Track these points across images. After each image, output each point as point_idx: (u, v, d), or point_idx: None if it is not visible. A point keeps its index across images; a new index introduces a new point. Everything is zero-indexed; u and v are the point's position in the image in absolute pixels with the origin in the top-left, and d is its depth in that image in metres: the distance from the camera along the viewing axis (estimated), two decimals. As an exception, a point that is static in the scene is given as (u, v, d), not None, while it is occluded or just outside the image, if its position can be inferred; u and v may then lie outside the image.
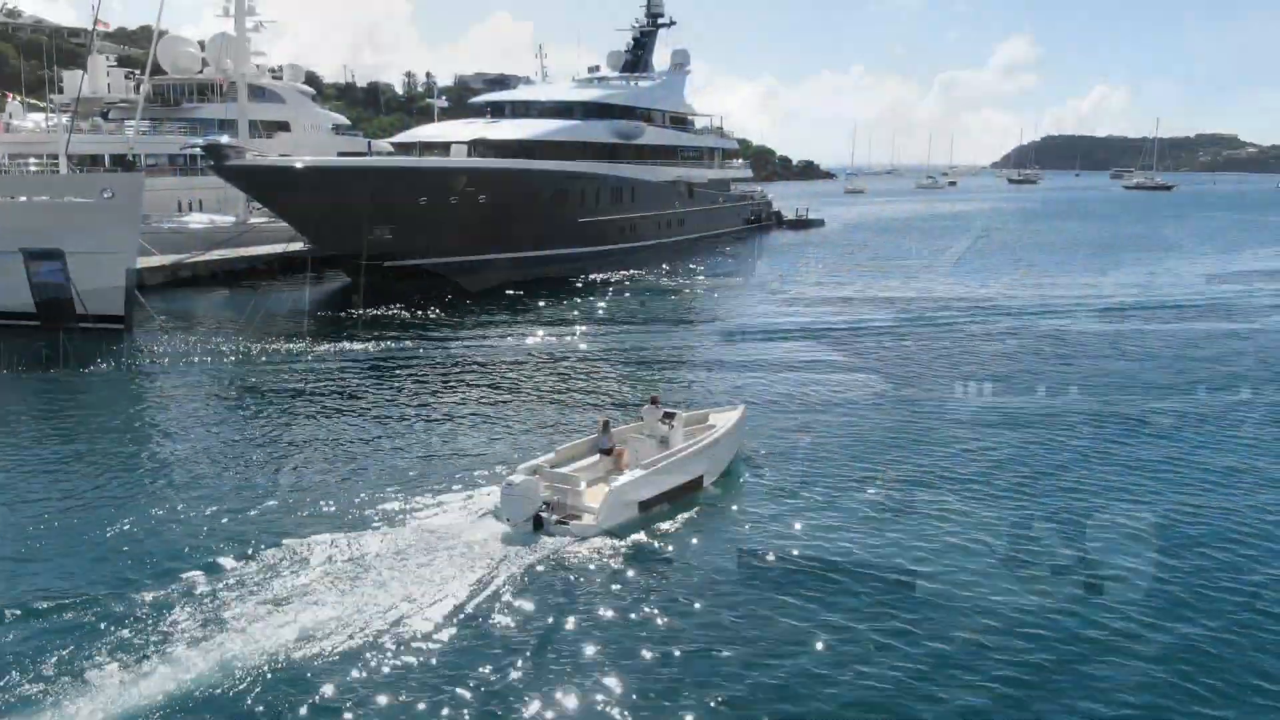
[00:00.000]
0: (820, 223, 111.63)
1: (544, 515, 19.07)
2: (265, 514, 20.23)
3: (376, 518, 19.73)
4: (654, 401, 23.73)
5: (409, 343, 39.37)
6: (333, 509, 20.33)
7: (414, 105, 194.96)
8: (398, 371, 34.42)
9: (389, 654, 14.62)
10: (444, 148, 62.19)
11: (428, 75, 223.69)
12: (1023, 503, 21.38)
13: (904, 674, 14.41)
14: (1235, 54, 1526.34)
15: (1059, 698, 13.96)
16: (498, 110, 72.72)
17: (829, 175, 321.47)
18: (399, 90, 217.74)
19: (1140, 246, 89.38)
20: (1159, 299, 53.96)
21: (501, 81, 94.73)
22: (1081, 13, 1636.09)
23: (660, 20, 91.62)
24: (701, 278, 62.95)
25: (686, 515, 20.09)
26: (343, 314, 46.10)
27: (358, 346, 38.27)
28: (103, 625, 15.33)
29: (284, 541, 18.37)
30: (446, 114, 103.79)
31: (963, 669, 14.58)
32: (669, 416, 23.07)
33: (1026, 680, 14.33)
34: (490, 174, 58.13)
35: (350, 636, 14.96)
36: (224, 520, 19.79)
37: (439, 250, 56.22)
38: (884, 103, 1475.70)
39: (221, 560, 17.65)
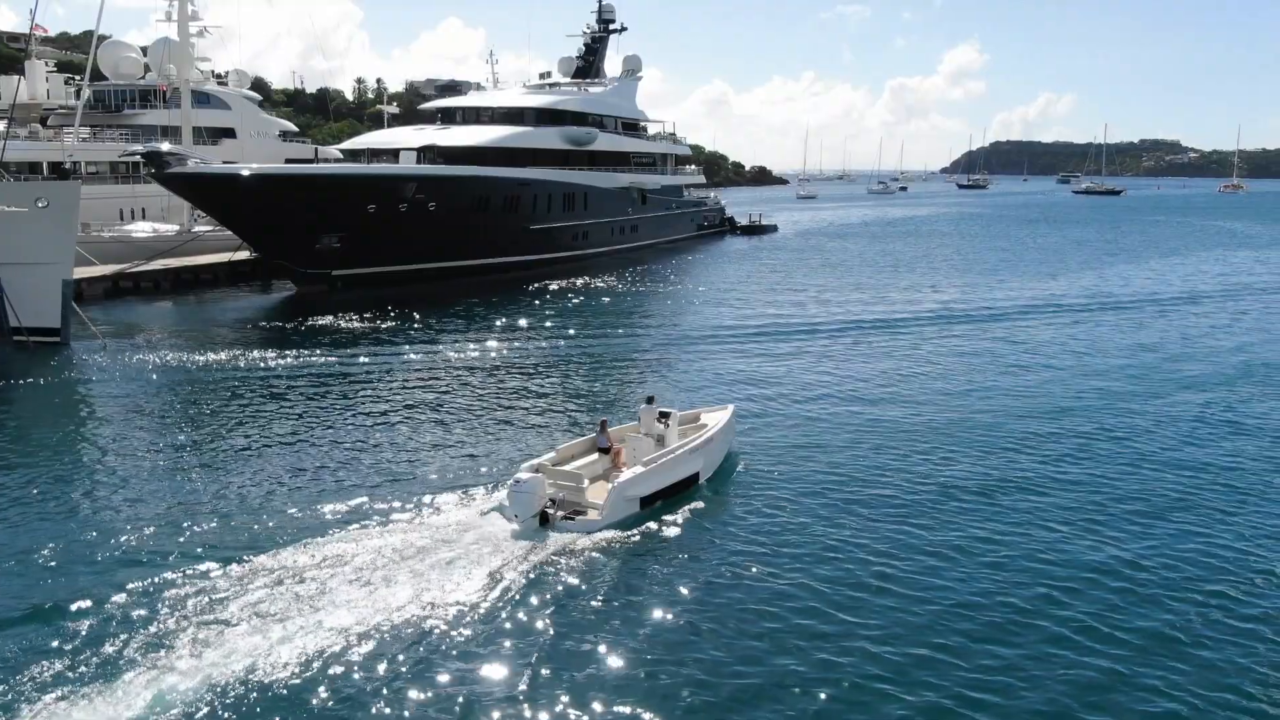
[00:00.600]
0: (773, 228, 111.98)
1: (550, 511, 19.68)
2: (227, 527, 19.80)
3: (377, 519, 19.98)
4: (650, 401, 24.34)
5: (360, 352, 38.64)
6: (326, 513, 20.50)
7: (364, 111, 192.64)
8: (350, 381, 33.81)
9: (410, 649, 14.89)
10: (393, 154, 61.39)
11: (378, 81, 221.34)
12: (991, 497, 22.29)
13: (891, 659, 15.00)
14: (1176, 62, 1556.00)
15: (1038, 689, 14.29)
16: (448, 116, 71.99)
17: (781, 181, 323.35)
18: (349, 96, 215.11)
19: (1113, 255, 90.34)
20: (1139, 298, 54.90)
21: (453, 87, 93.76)
22: (1026, 22, 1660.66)
23: (611, 26, 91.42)
24: (656, 284, 62.60)
25: (684, 510, 20.87)
26: (290, 323, 45.15)
27: (308, 357, 37.48)
28: (96, 639, 15.21)
29: (280, 549, 18.45)
30: (397, 120, 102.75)
31: (947, 656, 15.12)
32: (664, 416, 23.82)
33: (1012, 673, 14.70)
34: (440, 181, 57.47)
35: (370, 633, 15.24)
36: (171, 533, 19.34)
37: (389, 258, 55.50)
38: (835, 109, 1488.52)
39: (185, 572, 17.37)
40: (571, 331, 44.14)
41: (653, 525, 20.02)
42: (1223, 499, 22.32)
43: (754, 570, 18.03)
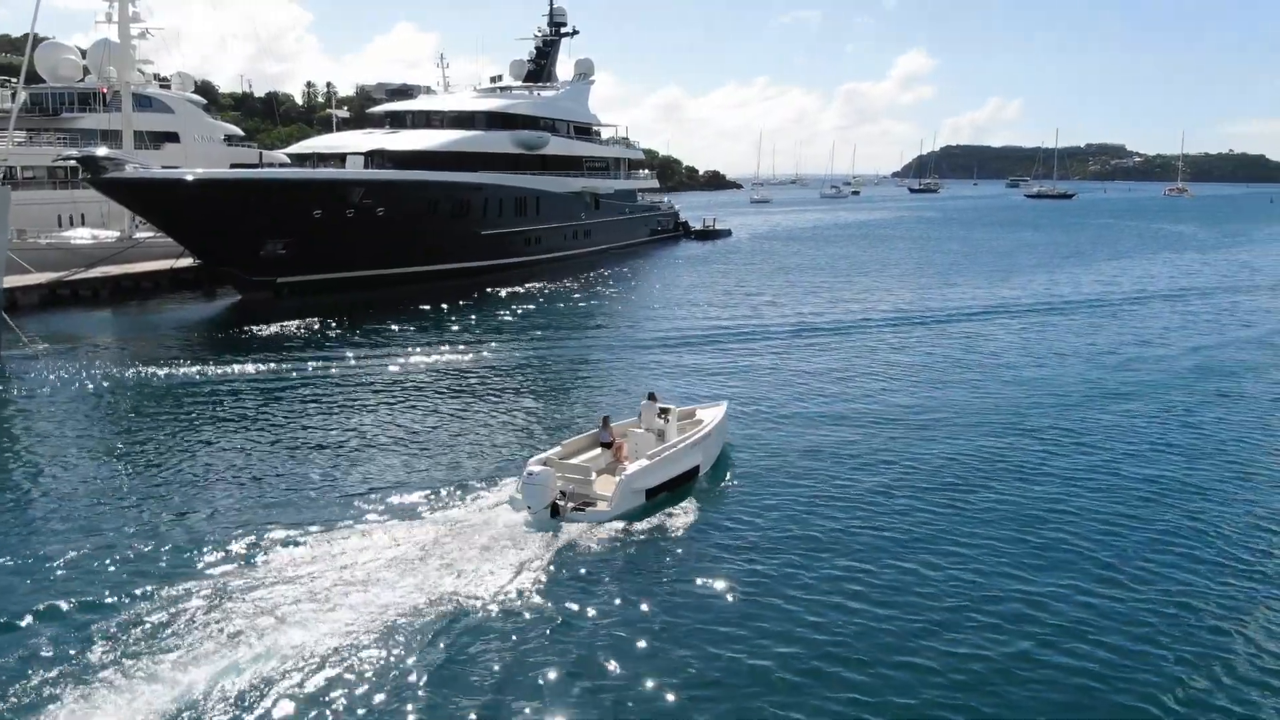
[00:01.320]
0: (728, 233, 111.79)
1: (560, 503, 20.34)
2: (173, 542, 19.28)
3: (362, 522, 20.32)
4: (651, 398, 25.43)
5: (308, 361, 37.67)
6: (326, 511, 21.08)
7: (314, 115, 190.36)
8: (299, 390, 32.98)
9: (441, 640, 15.33)
10: (340, 159, 60.28)
11: (328, 85, 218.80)
12: (958, 492, 23.11)
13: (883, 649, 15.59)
14: (1121, 68, 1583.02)
15: (1027, 687, 14.60)
16: (397, 120, 70.94)
17: (735, 185, 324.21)
18: (299, 100, 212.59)
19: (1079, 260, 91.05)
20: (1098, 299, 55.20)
21: (404, 91, 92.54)
22: (974, 28, 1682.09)
23: (563, 30, 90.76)
24: (611, 289, 62.00)
25: (687, 502, 21.77)
26: (235, 332, 43.98)
27: (255, 366, 36.47)
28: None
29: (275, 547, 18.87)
30: (347, 124, 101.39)
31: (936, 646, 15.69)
32: (664, 412, 24.86)
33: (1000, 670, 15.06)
34: (388, 186, 56.47)
35: (399, 623, 15.70)
36: (121, 554, 18.66)
37: (336, 264, 54.42)
38: (787, 113, 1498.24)
39: (130, 595, 16.87)
40: (525, 338, 43.49)
41: (658, 516, 20.84)
42: (1190, 498, 22.75)
43: (756, 557, 18.84)
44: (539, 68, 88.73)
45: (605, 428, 24.12)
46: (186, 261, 56.81)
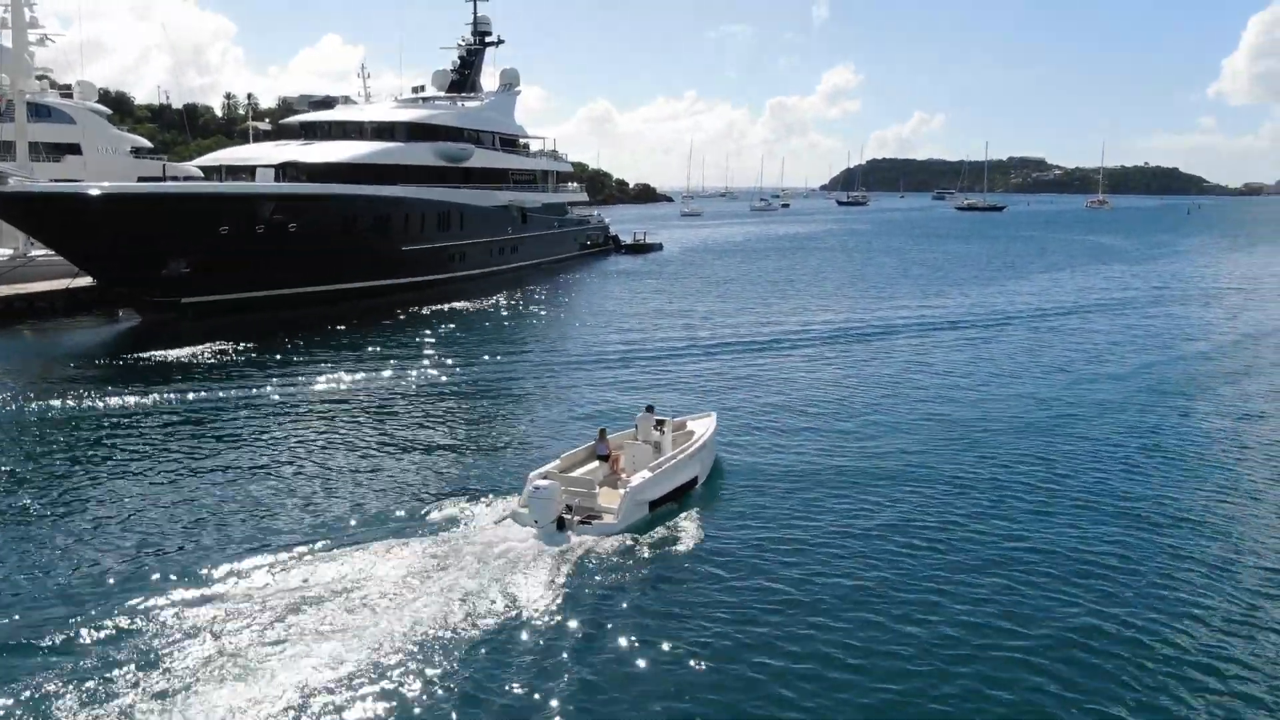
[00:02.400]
0: (659, 247, 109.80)
1: (565, 516, 20.37)
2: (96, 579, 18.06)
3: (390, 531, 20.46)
4: (650, 410, 25.45)
5: (216, 387, 35.02)
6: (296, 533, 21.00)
7: (234, 128, 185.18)
8: (204, 419, 30.61)
9: (462, 656, 15.31)
10: (250, 172, 57.09)
11: (249, 97, 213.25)
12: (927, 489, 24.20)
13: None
14: (1039, 84, 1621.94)
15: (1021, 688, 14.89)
16: (313, 131, 67.77)
17: (666, 198, 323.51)
18: (219, 112, 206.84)
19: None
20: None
21: (326, 103, 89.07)
22: (899, 45, 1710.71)
23: (488, 39, 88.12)
24: (540, 306, 59.67)
25: (689, 513, 21.99)
26: (136, 357, 40.66)
27: (157, 394, 33.64)
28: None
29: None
30: (269, 137, 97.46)
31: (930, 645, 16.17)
32: (659, 424, 25.05)
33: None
34: (302, 200, 53.45)
35: (413, 646, 15.53)
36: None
37: (244, 284, 51.26)
38: (717, 126, 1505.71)
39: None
40: (451, 359, 41.33)
41: (663, 528, 21.03)
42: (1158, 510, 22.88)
43: (763, 565, 19.20)
44: (463, 78, 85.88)
45: (602, 440, 24.08)
46: (85, 281, 53.23)
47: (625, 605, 17.32)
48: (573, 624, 16.47)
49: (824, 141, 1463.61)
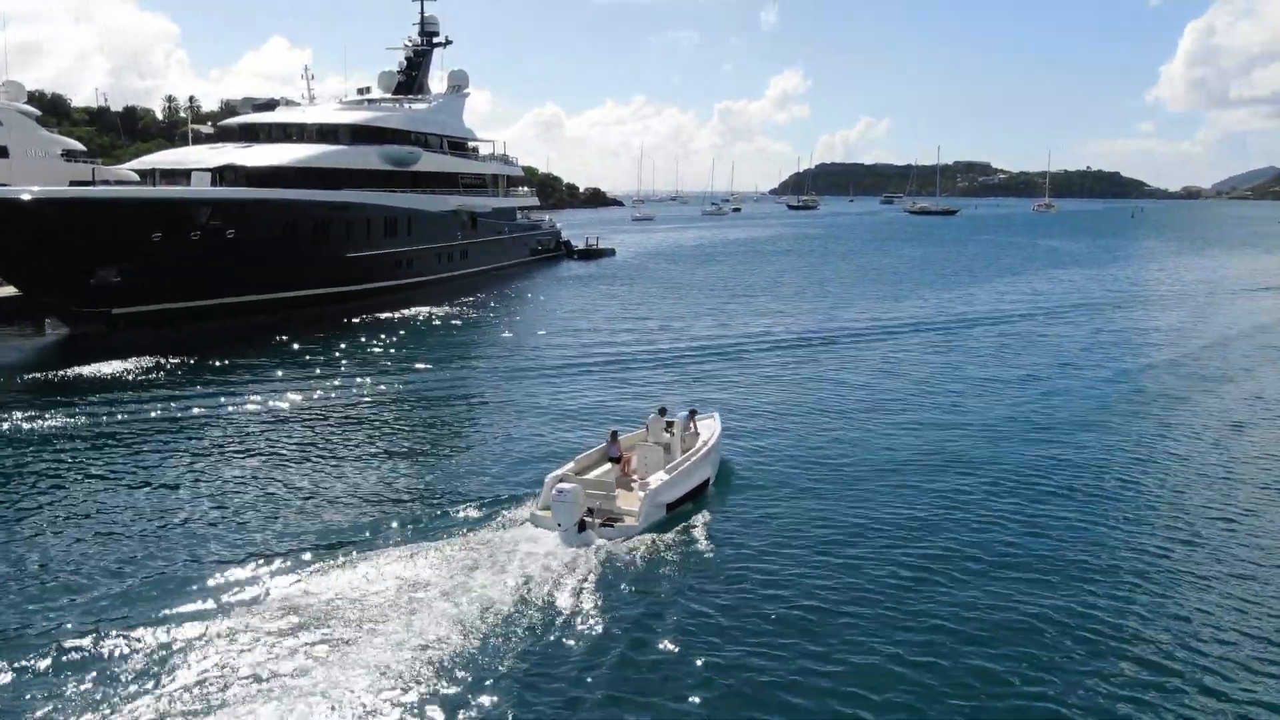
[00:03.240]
0: (611, 252, 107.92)
1: (587, 520, 20.34)
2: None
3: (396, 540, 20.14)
4: (662, 413, 25.49)
5: (148, 403, 32.99)
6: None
7: (176, 131, 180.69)
8: (138, 436, 28.78)
9: (501, 660, 15.28)
10: (185, 175, 54.46)
11: (190, 99, 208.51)
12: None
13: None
14: (983, 89, 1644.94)
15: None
16: (253, 134, 65.19)
17: (617, 203, 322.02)
18: (159, 115, 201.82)
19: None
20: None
21: (270, 106, 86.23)
22: (845, 49, 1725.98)
23: (435, 39, 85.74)
24: (492, 314, 57.71)
25: (702, 514, 22.04)
26: (62, 371, 38.13)
27: (85, 410, 31.58)
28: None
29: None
30: (211, 140, 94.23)
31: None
32: (669, 425, 25.01)
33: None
34: (240, 205, 50.99)
35: (444, 654, 15.35)
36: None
37: (180, 293, 48.73)
38: (665, 130, 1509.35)
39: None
40: (402, 369, 39.68)
41: (682, 530, 21.02)
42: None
43: (789, 564, 19.32)
44: (410, 79, 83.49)
45: (614, 442, 24.07)
46: (8, 290, 50.43)
47: (662, 607, 17.35)
48: (614, 628, 16.42)
49: (773, 146, 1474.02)
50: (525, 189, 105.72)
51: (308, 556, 19.30)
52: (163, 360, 40.43)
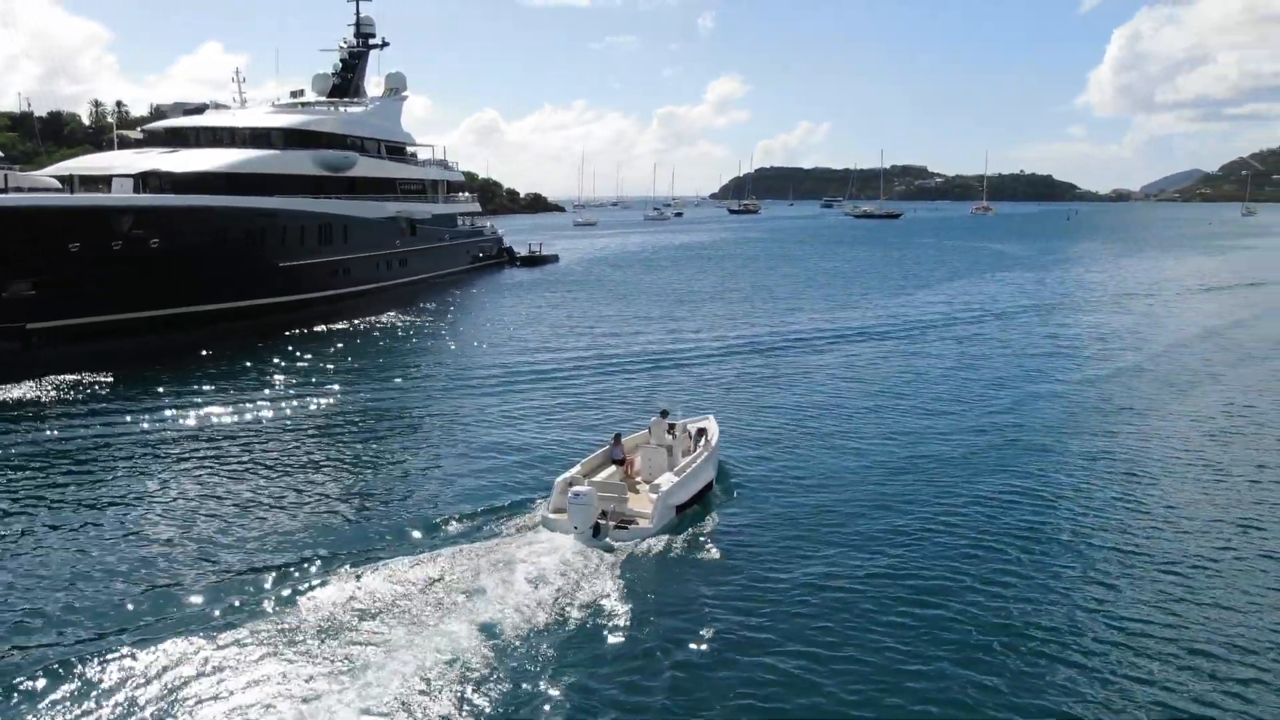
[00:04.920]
0: (555, 258, 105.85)
1: (601, 523, 20.42)
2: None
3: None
4: (664, 415, 25.40)
5: (72, 424, 31.04)
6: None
7: (103, 137, 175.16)
8: (60, 460, 26.74)
9: (518, 664, 15.25)
10: (105, 182, 51.54)
11: (118, 104, 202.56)
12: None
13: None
14: (918, 92, 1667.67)
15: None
16: (180, 138, 62.23)
17: (558, 208, 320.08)
18: (86, 120, 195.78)
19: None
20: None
21: (201, 110, 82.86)
22: (783, 55, 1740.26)
23: (372, 41, 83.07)
24: (432, 324, 55.57)
25: (710, 515, 22.27)
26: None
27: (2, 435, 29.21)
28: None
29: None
30: (139, 146, 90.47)
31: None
32: (672, 428, 24.97)
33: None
34: (164, 213, 48.26)
35: (475, 653, 15.42)
36: None
37: (99, 307, 45.90)
38: (606, 135, 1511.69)
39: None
40: (335, 384, 37.80)
41: (693, 531, 21.20)
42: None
43: (802, 563, 19.56)
44: (345, 82, 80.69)
45: (618, 444, 24.24)
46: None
47: (688, 609, 17.36)
48: (645, 633, 16.44)
49: (713, 150, 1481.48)
50: (466, 194, 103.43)
51: (297, 574, 18.78)
52: (83, 379, 38.05)
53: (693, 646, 16.04)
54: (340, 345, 47.16)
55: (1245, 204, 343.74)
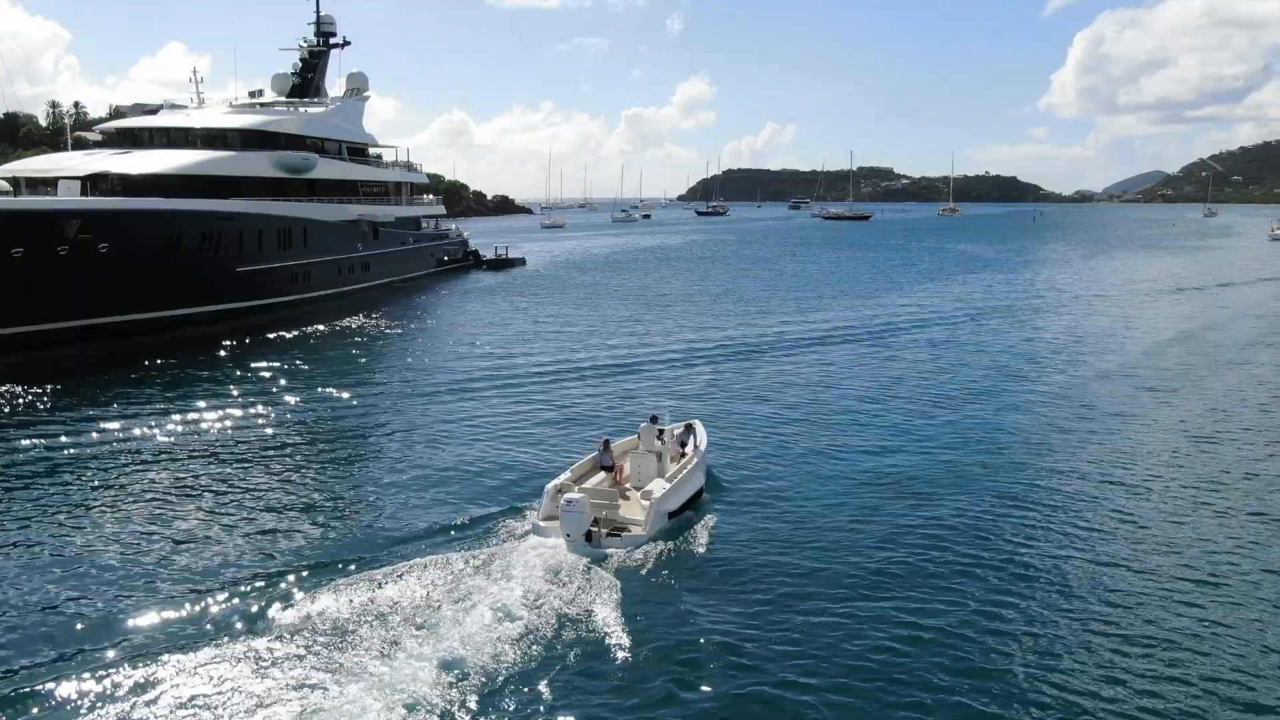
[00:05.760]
0: (522, 261, 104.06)
1: (593, 530, 20.15)
2: None
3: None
4: (654, 420, 24.75)
5: (16, 441, 29.01)
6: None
7: (61, 139, 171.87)
8: (17, 480, 24.94)
9: (513, 675, 14.92)
10: (52, 184, 49.60)
11: (76, 105, 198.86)
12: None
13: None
14: (885, 94, 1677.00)
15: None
16: (134, 139, 60.31)
17: (526, 210, 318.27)
18: (43, 121, 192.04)
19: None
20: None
21: (157, 111, 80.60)
22: (750, 57, 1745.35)
23: (332, 40, 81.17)
24: (396, 330, 53.95)
25: (704, 521, 21.94)
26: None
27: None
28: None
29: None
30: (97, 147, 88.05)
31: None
32: (661, 433, 24.60)
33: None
34: (114, 216, 46.41)
35: (468, 666, 15.01)
36: None
37: (45, 314, 44.05)
38: (574, 137, 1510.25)
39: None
40: (296, 394, 36.27)
41: (687, 537, 20.93)
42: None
43: (798, 569, 19.39)
44: (305, 82, 78.76)
45: (606, 450, 23.88)
46: None
47: (685, 618, 17.06)
48: (643, 641, 16.12)
49: (680, 152, 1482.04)
50: (431, 197, 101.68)
51: (262, 594, 17.93)
52: (25, 390, 36.09)
53: (692, 656, 15.78)
54: (301, 353, 45.52)
55: (1207, 205, 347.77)
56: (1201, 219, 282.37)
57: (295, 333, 51.63)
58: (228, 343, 47.32)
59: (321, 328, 53.69)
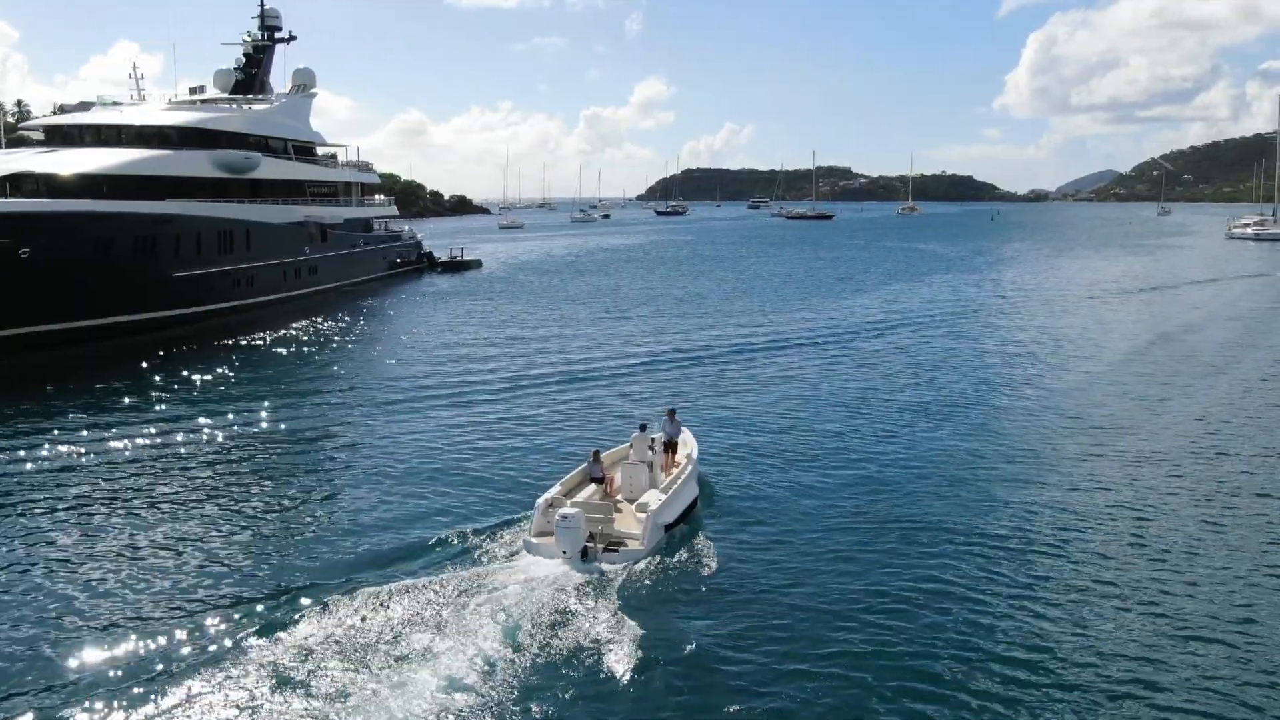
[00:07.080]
0: (478, 264, 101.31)
1: (590, 545, 19.37)
2: None
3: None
4: (644, 429, 24.09)
5: None
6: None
7: (4, 138, 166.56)
8: None
9: (513, 695, 14.37)
10: (-29, 186, 46.51)
11: (18, 104, 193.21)
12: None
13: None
14: (841, 94, 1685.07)
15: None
16: (64, 137, 57.23)
17: (483, 210, 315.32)
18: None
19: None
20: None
21: (89, 108, 77.17)
22: (707, 57, 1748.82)
23: (278, 34, 78.10)
24: (342, 337, 51.32)
25: (701, 534, 21.15)
26: None
27: None
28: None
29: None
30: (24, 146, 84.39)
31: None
32: (653, 443, 24.03)
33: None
34: (36, 220, 43.47)
35: (457, 684, 14.55)
36: None
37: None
38: (532, 137, 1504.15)
39: None
40: (236, 407, 33.87)
41: (686, 551, 20.14)
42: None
43: (799, 580, 18.69)
44: (249, 78, 75.63)
45: (597, 462, 23.08)
46: None
47: (691, 635, 16.38)
48: (648, 661, 15.47)
49: (639, 152, 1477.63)
50: (383, 197, 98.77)
51: (215, 623, 16.86)
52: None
53: (701, 681, 15.00)
54: (241, 362, 42.90)
55: (1160, 204, 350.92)
56: (1156, 218, 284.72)
57: (235, 341, 48.87)
58: (162, 353, 44.54)
59: (264, 335, 50.97)
